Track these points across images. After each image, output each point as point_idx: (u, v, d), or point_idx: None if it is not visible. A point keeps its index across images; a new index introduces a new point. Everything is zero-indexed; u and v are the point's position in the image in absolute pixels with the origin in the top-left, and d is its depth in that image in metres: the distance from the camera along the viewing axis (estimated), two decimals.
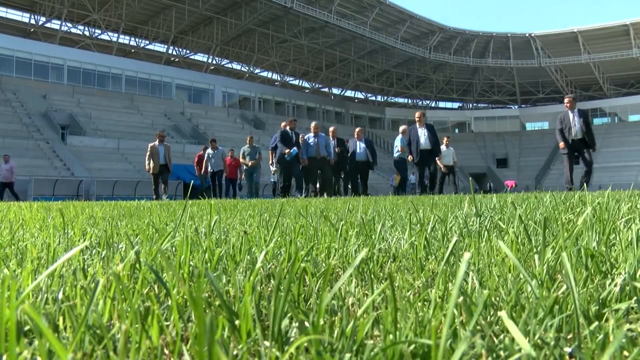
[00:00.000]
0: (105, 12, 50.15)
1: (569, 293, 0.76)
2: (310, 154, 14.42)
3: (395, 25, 60.97)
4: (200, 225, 2.13)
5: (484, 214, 1.88)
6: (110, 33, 54.26)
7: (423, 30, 63.76)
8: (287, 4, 50.52)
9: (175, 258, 1.07)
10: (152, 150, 16.41)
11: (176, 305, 0.75)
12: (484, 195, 6.28)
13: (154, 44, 58.20)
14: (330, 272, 1.19)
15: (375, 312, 0.78)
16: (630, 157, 60.33)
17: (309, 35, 58.62)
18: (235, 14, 53.31)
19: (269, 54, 62.21)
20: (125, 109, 45.56)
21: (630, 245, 1.03)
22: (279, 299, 0.62)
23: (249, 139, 17.78)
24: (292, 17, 53.83)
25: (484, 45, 69.59)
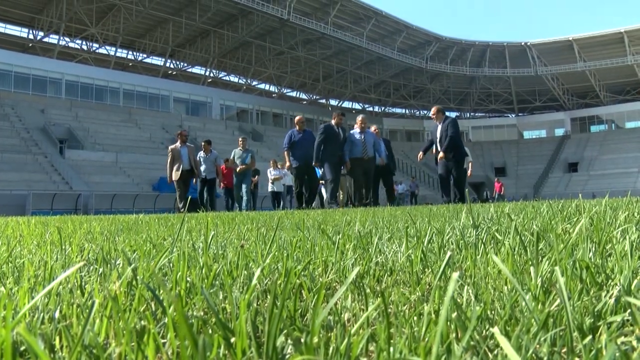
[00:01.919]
0: (102, 26, 50.36)
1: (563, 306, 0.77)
2: (355, 154, 12.06)
3: (391, 36, 61.24)
4: (198, 240, 2.14)
5: (480, 225, 1.89)
6: (108, 47, 54.45)
7: (419, 40, 64.04)
8: (283, 16, 50.77)
9: (172, 274, 1.07)
10: (174, 154, 13.59)
11: (172, 323, 0.75)
12: (482, 205, 6.28)
13: (151, 58, 58.40)
14: (326, 288, 1.20)
15: (371, 327, 0.79)
16: (627, 164, 60.45)
17: (306, 46, 58.84)
18: (232, 27, 53.54)
19: (266, 66, 62.41)
20: (123, 123, 45.64)
21: (625, 257, 1.03)
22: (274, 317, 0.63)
23: (241, 141, 15.60)
24: (288, 29, 54.06)
25: (480, 54, 69.88)
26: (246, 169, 15.15)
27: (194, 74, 61.45)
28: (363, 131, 12.28)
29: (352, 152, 11.98)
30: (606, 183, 54.83)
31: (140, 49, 56.54)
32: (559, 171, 66.21)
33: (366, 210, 6.39)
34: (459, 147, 11.71)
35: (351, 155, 11.93)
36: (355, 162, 11.93)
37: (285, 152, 12.34)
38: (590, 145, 68.23)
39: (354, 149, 12.04)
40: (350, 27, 57.40)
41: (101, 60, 53.71)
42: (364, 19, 57.17)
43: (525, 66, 69.63)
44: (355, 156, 11.96)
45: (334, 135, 11.99)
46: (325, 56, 61.38)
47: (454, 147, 11.56)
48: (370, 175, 12.18)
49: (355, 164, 11.93)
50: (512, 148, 73.12)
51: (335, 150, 11.85)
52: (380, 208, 7.65)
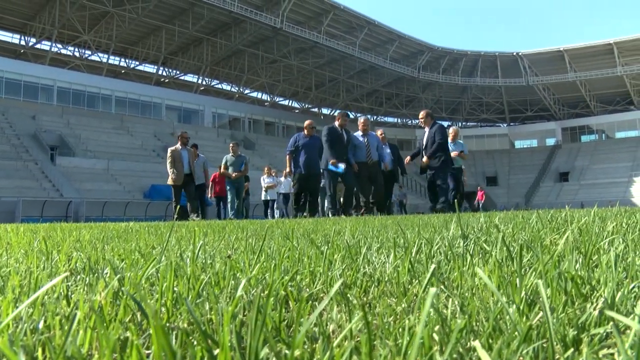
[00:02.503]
0: (95, 33, 50.30)
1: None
2: (358, 157, 11.42)
3: (384, 45, 61.51)
4: (187, 249, 2.13)
5: (469, 236, 1.89)
6: (101, 54, 54.35)
7: (412, 50, 64.35)
8: (276, 25, 50.91)
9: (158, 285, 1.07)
10: (174, 156, 12.91)
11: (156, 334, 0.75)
12: (473, 214, 6.30)
13: (144, 65, 58.35)
14: (313, 299, 1.20)
15: (355, 340, 0.78)
16: (617, 174, 60.87)
17: (299, 55, 59.00)
18: (225, 35, 53.62)
19: (259, 75, 62.49)
20: (115, 130, 45.54)
21: (609, 269, 1.04)
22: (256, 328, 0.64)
23: (232, 147, 14.82)
24: (281, 38, 54.19)
25: (472, 64, 70.29)
26: (241, 175, 14.45)
27: (186, 82, 61.44)
28: (365, 133, 11.74)
29: (355, 155, 11.38)
30: (597, 193, 55.17)
31: (133, 56, 56.50)
32: (550, 181, 66.56)
33: (359, 219, 6.39)
34: (446, 153, 11.40)
35: (355, 159, 11.32)
36: (360, 166, 11.33)
37: (288, 156, 11.61)
38: (581, 155, 68.68)
39: (358, 152, 11.48)
40: (343, 36, 57.62)
41: (93, 67, 53.61)
42: (356, 28, 57.41)
43: (516, 76, 70.09)
44: (360, 160, 11.38)
45: (338, 137, 11.32)
46: (318, 65, 61.55)
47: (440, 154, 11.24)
48: (378, 180, 11.47)
49: (359, 168, 11.31)
50: (504, 157, 73.46)
51: (341, 154, 11.17)
52: (372, 217, 7.65)
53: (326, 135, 11.28)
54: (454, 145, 13.02)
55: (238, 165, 14.41)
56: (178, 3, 47.19)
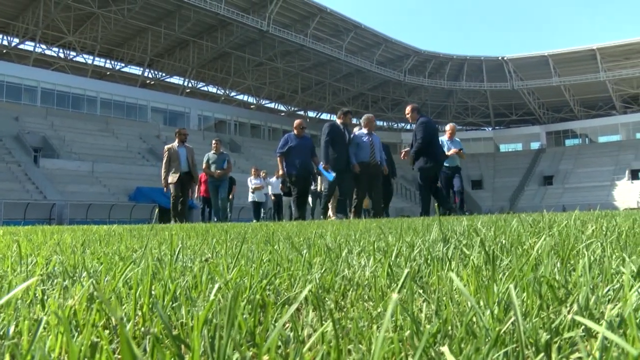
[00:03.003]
0: (80, 35, 49.90)
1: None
2: (361, 158, 10.66)
3: (370, 49, 61.69)
4: (168, 253, 2.11)
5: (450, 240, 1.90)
6: (86, 55, 53.96)
7: (398, 53, 64.61)
8: (263, 28, 50.87)
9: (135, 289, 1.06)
10: (171, 154, 12.03)
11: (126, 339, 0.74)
12: (457, 218, 6.32)
13: (129, 67, 58.01)
14: (290, 303, 1.19)
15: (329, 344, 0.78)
16: (601, 177, 61.55)
17: (285, 58, 58.97)
18: (211, 38, 53.48)
19: (245, 77, 62.35)
20: (100, 132, 45.20)
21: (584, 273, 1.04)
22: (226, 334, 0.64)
23: (215, 144, 13.95)
24: (268, 41, 54.15)
25: (458, 68, 70.71)
26: (223, 174, 13.58)
27: (172, 84, 61.14)
28: (370, 133, 10.95)
29: (358, 155, 10.64)
30: (580, 196, 55.72)
31: (119, 58, 56.15)
32: (535, 184, 67.10)
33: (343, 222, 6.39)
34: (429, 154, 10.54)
35: (357, 159, 10.59)
36: (361, 167, 10.56)
37: (279, 158, 11.05)
38: (565, 158, 69.35)
39: (361, 152, 10.71)
40: (329, 39, 57.71)
41: (78, 69, 53.20)
42: (343, 32, 57.53)
43: (502, 80, 70.63)
44: (362, 160, 10.61)
45: (340, 135, 10.63)
46: (304, 68, 61.57)
47: (422, 154, 10.52)
48: (377, 183, 10.81)
49: (361, 169, 10.55)
50: (489, 161, 73.94)
51: (343, 154, 10.56)
52: (357, 220, 7.65)
53: (328, 133, 10.55)
54: (450, 143, 12.47)
55: (220, 163, 13.59)
56: (164, 5, 46.96)
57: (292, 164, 10.92)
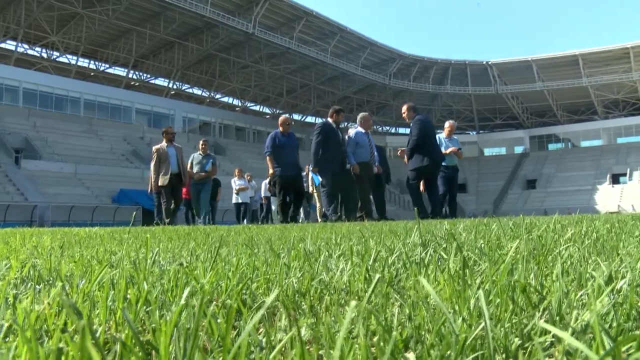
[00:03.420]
0: (64, 35, 49.44)
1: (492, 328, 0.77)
2: (362, 157, 10.21)
3: (355, 52, 61.82)
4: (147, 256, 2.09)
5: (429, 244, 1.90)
6: (69, 56, 53.45)
7: (383, 57, 64.84)
8: (248, 30, 50.78)
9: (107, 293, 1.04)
10: (160, 155, 11.39)
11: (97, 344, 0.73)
12: (440, 221, 6.34)
13: (114, 68, 57.59)
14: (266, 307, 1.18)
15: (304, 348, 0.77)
16: (583, 181, 62.23)
17: (270, 61, 58.91)
18: (196, 39, 53.29)
19: (230, 80, 62.20)
20: (83, 133, 44.80)
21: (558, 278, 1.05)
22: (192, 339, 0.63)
23: (202, 145, 13.40)
24: (253, 43, 54.07)
25: (442, 72, 71.12)
26: (206, 176, 13.00)
27: (157, 86, 60.80)
28: (367, 132, 10.57)
29: (358, 155, 10.17)
30: (563, 200, 56.26)
31: (103, 58, 55.72)
32: (518, 188, 67.63)
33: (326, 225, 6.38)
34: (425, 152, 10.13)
35: (356, 159, 10.12)
36: (361, 167, 10.12)
37: (268, 157, 10.68)
38: (548, 162, 70.01)
39: (361, 151, 10.25)
40: (315, 42, 57.76)
41: (62, 69, 52.69)
42: (328, 35, 57.61)
43: (486, 84, 71.14)
44: (363, 160, 10.18)
45: (334, 134, 10.12)
46: (290, 71, 61.57)
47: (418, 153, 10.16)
48: (380, 184, 10.62)
49: (361, 169, 10.11)
50: (473, 165, 74.37)
51: (337, 154, 10.09)
52: (344, 224, 7.64)
53: (320, 132, 10.03)
54: (449, 141, 11.85)
55: (204, 165, 12.96)
56: (149, 6, 46.69)
57: (281, 163, 10.55)
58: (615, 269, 1.32)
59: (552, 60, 65.57)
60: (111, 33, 51.34)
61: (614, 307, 0.89)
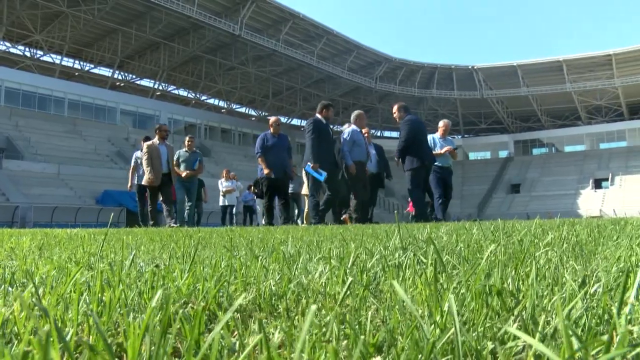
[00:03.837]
0: (48, 34, 48.96)
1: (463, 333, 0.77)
2: (359, 157, 9.88)
3: (342, 55, 61.92)
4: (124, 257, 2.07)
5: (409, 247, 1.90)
6: (53, 55, 52.94)
7: (369, 60, 65.00)
8: (235, 32, 50.65)
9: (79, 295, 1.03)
10: (152, 152, 11.08)
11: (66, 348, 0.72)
12: (424, 225, 6.36)
13: (99, 68, 57.10)
14: (242, 311, 1.17)
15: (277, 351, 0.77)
16: (567, 186, 62.81)
17: (257, 63, 58.81)
18: (182, 40, 53.04)
19: (216, 81, 62.01)
20: (67, 134, 44.38)
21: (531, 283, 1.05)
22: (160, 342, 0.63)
23: (188, 141, 12.89)
24: (239, 45, 53.93)
25: (428, 76, 71.43)
26: (193, 174, 12.50)
27: (142, 87, 60.42)
28: (361, 131, 10.22)
29: (354, 154, 9.79)
30: (547, 204, 56.72)
31: (88, 58, 55.27)
32: (502, 192, 68.07)
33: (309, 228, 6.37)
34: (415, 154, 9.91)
35: (353, 158, 9.75)
36: (358, 167, 9.80)
37: (260, 158, 10.53)
38: (532, 167, 70.59)
39: (357, 150, 9.88)
40: (301, 45, 57.76)
41: (45, 69, 52.16)
42: (315, 38, 57.64)
43: (471, 89, 71.58)
44: (359, 159, 9.85)
45: (326, 132, 9.77)
46: (276, 73, 61.50)
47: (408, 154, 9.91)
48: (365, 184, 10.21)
49: (357, 169, 9.77)
50: (458, 169, 74.63)
51: (330, 153, 9.79)
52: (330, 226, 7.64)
53: (313, 130, 9.59)
54: (443, 141, 11.46)
55: (191, 163, 12.48)
56: (135, 6, 46.38)
57: (268, 164, 10.40)
58: (591, 273, 1.33)
59: (536, 66, 66.18)
60: (96, 33, 50.93)
61: (586, 311, 0.90)
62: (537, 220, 3.32)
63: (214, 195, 20.10)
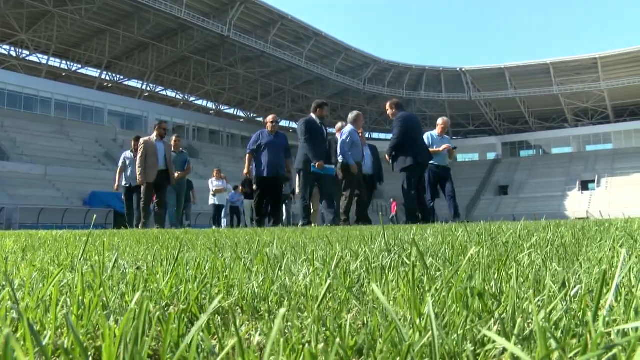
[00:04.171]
0: (34, 33, 48.54)
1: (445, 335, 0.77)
2: (355, 157, 9.71)
3: (330, 57, 61.96)
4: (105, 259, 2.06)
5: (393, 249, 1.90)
6: (40, 55, 52.52)
7: (358, 62, 65.09)
8: (223, 33, 50.53)
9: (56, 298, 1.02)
10: (148, 149, 10.60)
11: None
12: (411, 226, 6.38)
13: (86, 69, 56.74)
14: (224, 312, 1.17)
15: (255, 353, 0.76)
16: (554, 188, 63.23)
17: (245, 64, 58.71)
18: (171, 41, 52.83)
19: (204, 82, 61.84)
20: (53, 134, 44.05)
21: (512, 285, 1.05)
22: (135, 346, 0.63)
23: (174, 141, 12.39)
24: (228, 46, 53.82)
25: (416, 78, 71.64)
26: (182, 176, 12.17)
27: (130, 88, 60.12)
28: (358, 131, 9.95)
29: (352, 155, 9.64)
30: (534, 206, 57.07)
31: (75, 59, 54.89)
32: (490, 194, 68.40)
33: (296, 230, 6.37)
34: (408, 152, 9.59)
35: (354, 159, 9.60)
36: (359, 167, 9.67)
37: (248, 155, 10.20)
38: (520, 169, 71.01)
39: (355, 151, 9.70)
40: (290, 46, 57.74)
41: (32, 69, 51.74)
42: (304, 39, 57.64)
43: (459, 91, 71.89)
44: (356, 160, 9.71)
45: (319, 133, 9.55)
46: (264, 74, 61.43)
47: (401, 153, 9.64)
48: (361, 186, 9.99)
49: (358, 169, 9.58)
50: None
51: (323, 152, 9.53)
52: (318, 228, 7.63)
53: (306, 130, 9.39)
54: (441, 139, 11.09)
55: (179, 164, 12.08)
56: (123, 7, 46.09)
57: (261, 163, 10.05)
58: (573, 275, 1.34)
59: (524, 68, 66.59)
60: (84, 33, 50.59)
61: (566, 313, 0.90)
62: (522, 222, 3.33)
63: (203, 197, 20.03)
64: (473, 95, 71.64)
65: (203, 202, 20.26)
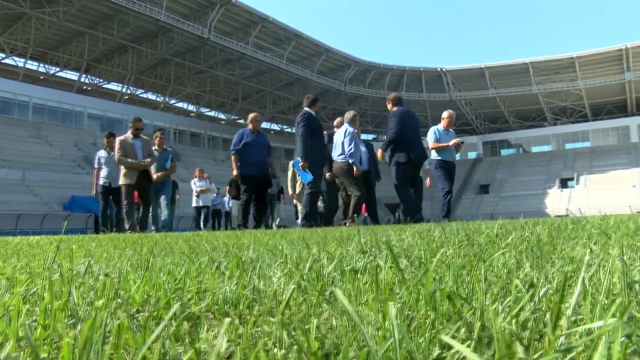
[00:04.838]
0: (10, 36, 47.86)
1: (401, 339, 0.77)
2: (359, 159, 9.68)
3: (311, 58, 61.99)
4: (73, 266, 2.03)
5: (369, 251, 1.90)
6: (17, 58, 51.80)
7: (339, 63, 65.18)
8: (204, 35, 50.29)
9: (18, 307, 1.00)
10: (124, 148, 10.07)
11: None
12: (392, 227, 6.40)
13: (65, 72, 56.08)
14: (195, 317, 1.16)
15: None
16: (534, 186, 63.87)
17: (226, 66, 58.51)
18: (151, 44, 52.44)
19: (185, 85, 61.51)
20: (31, 139, 43.48)
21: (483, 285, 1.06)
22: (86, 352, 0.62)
23: (158, 138, 11.68)
24: (208, 48, 53.59)
25: (397, 78, 71.93)
26: (165, 176, 11.39)
27: (110, 91, 59.57)
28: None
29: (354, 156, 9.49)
30: (515, 204, 57.55)
31: (53, 62, 54.21)
32: (472, 193, 68.87)
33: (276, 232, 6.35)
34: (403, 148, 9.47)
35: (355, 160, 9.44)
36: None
37: (233, 156, 9.88)
38: (500, 168, 71.59)
39: (357, 153, 9.58)
40: (270, 48, 57.66)
41: (8, 72, 50.95)
42: (284, 41, 57.58)
43: (440, 91, 72.30)
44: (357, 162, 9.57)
45: (318, 128, 9.41)
46: (245, 76, 61.28)
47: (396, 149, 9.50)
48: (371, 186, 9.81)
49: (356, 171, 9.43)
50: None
51: (322, 150, 9.40)
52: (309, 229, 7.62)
53: (306, 125, 9.16)
54: (447, 134, 10.85)
55: (162, 162, 11.32)
56: (102, 9, 45.62)
57: (247, 162, 9.79)
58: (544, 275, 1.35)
59: (504, 68, 67.18)
60: (62, 35, 49.98)
61: (533, 314, 0.91)
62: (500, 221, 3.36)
63: (186, 199, 19.83)
64: (454, 95, 72.09)
65: (186, 205, 20.05)
